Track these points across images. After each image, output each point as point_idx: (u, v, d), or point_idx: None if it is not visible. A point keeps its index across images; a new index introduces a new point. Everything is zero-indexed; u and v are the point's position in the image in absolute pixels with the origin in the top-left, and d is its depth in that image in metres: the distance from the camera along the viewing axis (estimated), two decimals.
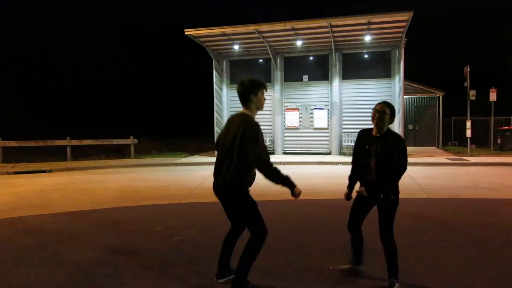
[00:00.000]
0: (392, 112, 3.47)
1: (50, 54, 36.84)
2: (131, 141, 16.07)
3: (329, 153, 15.80)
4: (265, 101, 3.56)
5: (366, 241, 3.81)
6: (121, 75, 36.45)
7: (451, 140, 19.82)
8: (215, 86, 16.17)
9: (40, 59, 35.74)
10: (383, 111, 3.43)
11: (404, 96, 16.30)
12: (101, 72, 36.16)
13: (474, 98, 14.87)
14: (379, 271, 3.83)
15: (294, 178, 3.36)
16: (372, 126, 3.53)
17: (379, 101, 3.67)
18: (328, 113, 15.90)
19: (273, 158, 15.21)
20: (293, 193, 3.26)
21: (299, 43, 15.30)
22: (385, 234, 3.48)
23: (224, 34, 14.74)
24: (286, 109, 16.35)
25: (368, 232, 3.94)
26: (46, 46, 37.36)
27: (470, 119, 14.99)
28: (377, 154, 3.42)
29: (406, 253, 4.37)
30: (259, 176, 3.77)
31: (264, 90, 3.40)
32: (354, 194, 3.72)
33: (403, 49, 14.45)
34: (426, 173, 10.87)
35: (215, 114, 16.03)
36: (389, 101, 15.81)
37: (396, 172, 3.48)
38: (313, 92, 16.13)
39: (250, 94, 3.28)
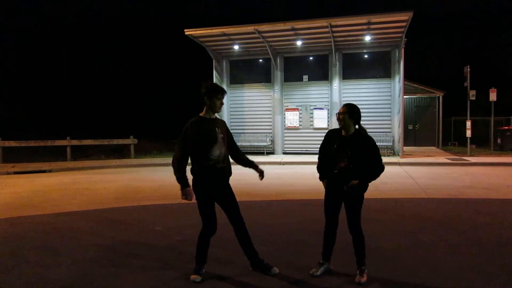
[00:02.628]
0: (349, 111, 3.60)
1: (50, 54, 36.82)
2: (131, 141, 16.08)
3: None
4: (265, 101, 3.66)
5: (367, 242, 3.79)
6: (121, 75, 36.43)
7: (451, 140, 19.82)
8: None
9: (40, 59, 35.73)
10: (341, 112, 3.64)
11: (404, 96, 16.29)
12: (101, 72, 36.14)
13: (474, 98, 14.87)
14: (379, 271, 3.83)
15: (294, 178, 3.36)
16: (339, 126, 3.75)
17: (379, 101, 3.77)
18: (328, 113, 15.90)
19: (273, 158, 15.15)
20: (182, 194, 3.54)
21: (299, 43, 15.30)
22: (353, 227, 3.65)
23: (224, 34, 14.74)
24: (286, 109, 16.35)
25: (366, 232, 3.92)
26: (46, 46, 37.35)
27: (470, 119, 14.99)
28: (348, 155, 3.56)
29: (406, 253, 4.37)
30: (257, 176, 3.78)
31: (219, 96, 3.74)
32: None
33: (403, 49, 14.45)
34: (426, 173, 10.87)
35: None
36: (389, 101, 15.65)
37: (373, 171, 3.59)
38: (313, 92, 16.13)
39: (204, 97, 3.70)
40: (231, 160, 3.79)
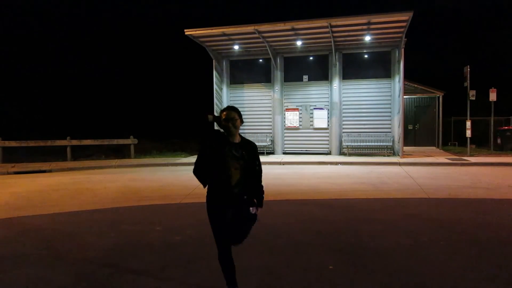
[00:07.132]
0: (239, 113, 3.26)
1: (51, 54, 36.88)
2: (131, 141, 16.08)
3: (329, 153, 15.80)
4: (265, 101, 3.44)
5: (366, 241, 3.79)
6: (121, 75, 36.49)
7: (451, 140, 19.82)
8: (215, 86, 16.17)
9: (41, 58, 35.77)
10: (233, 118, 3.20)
11: (404, 96, 16.29)
12: (101, 72, 36.19)
13: (474, 98, 14.87)
14: (383, 272, 3.83)
15: (294, 178, 3.35)
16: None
17: (379, 101, 3.61)
18: (328, 113, 15.90)
19: (273, 158, 15.11)
20: None
21: (299, 43, 15.30)
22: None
23: (224, 34, 14.74)
24: (286, 109, 16.36)
25: (365, 232, 3.93)
26: (47, 45, 37.40)
27: (470, 119, 14.99)
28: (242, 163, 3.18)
29: (406, 253, 4.37)
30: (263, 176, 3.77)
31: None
32: None
33: (403, 49, 14.45)
34: (426, 173, 10.87)
35: (215, 114, 16.03)
36: (389, 101, 15.65)
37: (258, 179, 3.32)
38: (313, 92, 16.14)
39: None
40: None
